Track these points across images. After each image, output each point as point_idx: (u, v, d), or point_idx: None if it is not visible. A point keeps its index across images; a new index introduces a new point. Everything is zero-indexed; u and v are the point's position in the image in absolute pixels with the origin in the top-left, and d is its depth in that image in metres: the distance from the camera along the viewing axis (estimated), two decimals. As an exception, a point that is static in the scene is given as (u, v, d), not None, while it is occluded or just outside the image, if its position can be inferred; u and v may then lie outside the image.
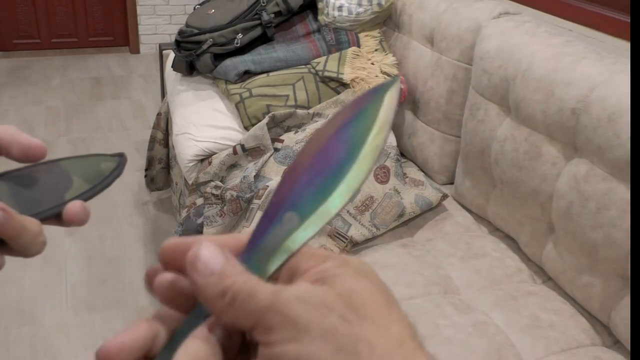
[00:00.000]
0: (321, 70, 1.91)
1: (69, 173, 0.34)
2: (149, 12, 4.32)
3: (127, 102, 3.60)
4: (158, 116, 2.35)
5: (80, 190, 0.33)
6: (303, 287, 0.26)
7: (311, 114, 1.82)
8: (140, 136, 3.15)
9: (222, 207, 1.62)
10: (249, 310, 0.25)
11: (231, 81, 1.92)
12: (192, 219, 1.67)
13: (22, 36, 4.23)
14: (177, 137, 1.92)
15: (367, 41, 2.03)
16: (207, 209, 1.64)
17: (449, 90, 1.78)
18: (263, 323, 0.25)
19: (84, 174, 0.34)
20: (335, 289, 0.26)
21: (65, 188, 0.33)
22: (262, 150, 1.73)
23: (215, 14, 2.04)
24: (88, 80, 3.89)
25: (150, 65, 4.16)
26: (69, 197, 0.33)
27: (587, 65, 1.33)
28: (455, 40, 1.74)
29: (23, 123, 3.26)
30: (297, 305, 0.25)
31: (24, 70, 3.97)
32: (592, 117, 1.26)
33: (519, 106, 1.46)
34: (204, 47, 1.97)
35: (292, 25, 2.10)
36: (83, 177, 0.34)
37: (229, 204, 1.60)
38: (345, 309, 0.25)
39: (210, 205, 1.64)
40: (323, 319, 0.25)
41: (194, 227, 1.66)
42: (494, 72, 1.55)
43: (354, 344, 0.24)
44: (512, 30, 1.56)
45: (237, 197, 1.59)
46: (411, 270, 1.41)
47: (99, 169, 0.35)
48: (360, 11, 2.03)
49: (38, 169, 0.33)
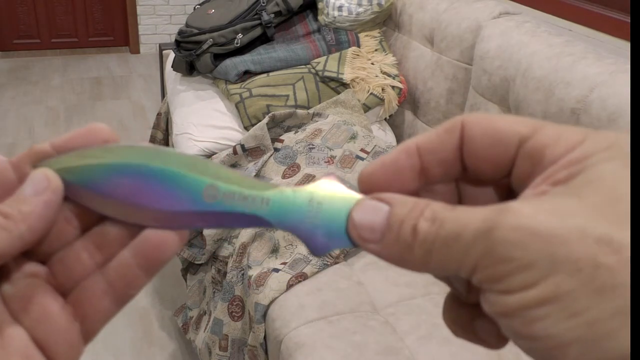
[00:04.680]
0: (321, 70, 1.91)
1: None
2: (149, 12, 4.32)
3: (127, 102, 3.60)
4: (158, 116, 2.35)
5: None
6: (537, 206, 0.19)
7: (311, 114, 1.82)
8: (140, 136, 3.15)
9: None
10: (455, 257, 0.20)
11: (231, 81, 1.92)
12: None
13: (22, 36, 4.22)
14: (177, 137, 1.92)
15: (367, 41, 2.03)
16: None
17: (449, 90, 1.78)
18: (484, 270, 0.19)
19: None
20: (594, 194, 0.19)
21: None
22: (262, 150, 1.73)
23: (215, 14, 2.04)
24: (88, 80, 3.89)
25: (150, 65, 4.16)
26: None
27: (587, 65, 1.33)
28: (455, 40, 1.74)
29: (23, 123, 3.26)
30: (528, 239, 0.18)
31: (24, 70, 3.97)
32: (592, 117, 1.26)
33: (519, 106, 1.46)
34: (204, 47, 1.97)
35: (292, 25, 2.10)
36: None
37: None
38: (610, 227, 0.18)
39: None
40: (574, 249, 0.18)
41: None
42: (494, 72, 1.55)
43: (625, 283, 0.17)
44: (512, 30, 1.56)
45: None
46: (411, 270, 1.41)
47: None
48: (360, 11, 2.03)
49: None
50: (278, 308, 1.35)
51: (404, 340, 1.24)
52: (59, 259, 0.25)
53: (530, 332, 0.19)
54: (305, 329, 1.27)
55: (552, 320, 0.18)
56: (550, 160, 0.20)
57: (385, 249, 0.21)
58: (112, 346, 1.88)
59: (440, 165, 0.23)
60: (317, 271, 1.42)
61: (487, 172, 0.23)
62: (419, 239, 0.20)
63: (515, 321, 0.19)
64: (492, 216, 0.19)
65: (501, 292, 0.19)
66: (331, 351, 1.21)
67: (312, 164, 1.62)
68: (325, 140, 1.68)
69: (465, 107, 1.72)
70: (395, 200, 0.22)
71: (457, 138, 0.23)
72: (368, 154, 1.66)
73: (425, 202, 0.21)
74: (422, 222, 0.20)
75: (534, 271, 0.18)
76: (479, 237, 0.19)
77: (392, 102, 1.89)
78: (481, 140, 0.22)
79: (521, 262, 0.18)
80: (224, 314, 1.49)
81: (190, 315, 1.72)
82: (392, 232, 0.21)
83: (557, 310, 0.18)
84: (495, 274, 0.19)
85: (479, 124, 0.22)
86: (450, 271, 0.20)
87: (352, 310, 1.32)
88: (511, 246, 0.18)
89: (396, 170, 0.23)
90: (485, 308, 0.20)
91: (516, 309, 0.19)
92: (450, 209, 0.20)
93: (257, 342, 1.38)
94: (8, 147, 3.01)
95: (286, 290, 1.37)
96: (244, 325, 1.46)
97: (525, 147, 0.21)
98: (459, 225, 0.20)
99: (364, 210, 0.22)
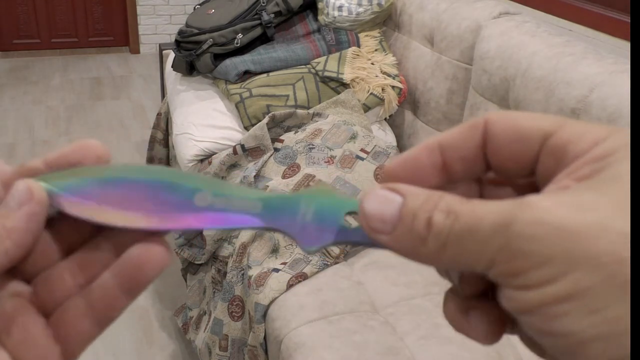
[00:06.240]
0: (321, 70, 1.91)
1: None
2: (149, 12, 4.32)
3: (127, 102, 3.60)
4: (158, 116, 2.35)
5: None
6: (557, 200, 0.19)
7: (311, 114, 1.82)
8: (140, 136, 3.15)
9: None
10: (471, 251, 0.19)
11: (231, 81, 1.92)
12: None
13: (22, 36, 4.23)
14: (177, 137, 1.93)
15: (367, 41, 2.03)
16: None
17: (449, 90, 1.78)
18: (501, 265, 0.19)
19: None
20: (617, 191, 0.18)
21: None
22: (262, 150, 1.73)
23: (215, 14, 2.04)
24: (88, 80, 3.89)
25: (150, 65, 4.16)
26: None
27: (587, 65, 1.33)
28: (455, 40, 1.74)
29: (23, 123, 3.26)
30: (547, 234, 0.18)
31: (24, 70, 3.97)
32: (592, 117, 1.26)
33: (519, 106, 1.46)
34: (204, 47, 1.97)
35: (292, 25, 2.10)
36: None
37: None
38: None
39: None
40: (595, 244, 0.18)
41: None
42: (494, 72, 1.55)
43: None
44: (512, 30, 1.56)
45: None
46: (411, 270, 1.41)
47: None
48: (360, 11, 2.03)
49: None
50: (278, 308, 1.35)
51: (404, 340, 1.24)
52: (42, 279, 0.25)
53: (550, 328, 0.18)
54: (305, 329, 1.27)
55: (572, 317, 0.18)
56: (574, 156, 0.20)
57: (396, 240, 0.21)
58: (112, 346, 1.88)
59: (462, 162, 0.23)
60: (317, 271, 1.42)
61: (510, 170, 0.23)
62: (433, 231, 0.20)
63: (534, 318, 0.19)
64: (510, 209, 0.19)
65: (519, 287, 0.19)
66: (331, 351, 1.21)
67: (312, 164, 1.62)
68: (325, 140, 1.68)
69: (465, 107, 1.72)
70: (408, 191, 0.21)
71: (479, 135, 0.23)
72: (368, 154, 1.66)
73: (439, 194, 0.21)
74: (437, 214, 0.20)
75: (553, 267, 0.18)
76: (497, 231, 0.19)
77: (392, 102, 1.89)
78: (504, 136, 0.22)
79: (540, 257, 0.18)
80: (224, 314, 1.49)
81: (190, 315, 1.72)
82: (405, 224, 0.21)
83: (577, 307, 0.18)
84: (513, 269, 0.19)
85: (502, 121, 0.22)
86: (464, 265, 0.20)
87: (352, 310, 1.32)
88: (530, 240, 0.18)
89: (417, 167, 0.23)
90: (503, 304, 0.20)
91: (535, 305, 0.18)
92: (465, 202, 0.20)
93: (257, 342, 1.38)
94: (8, 147, 3.01)
95: (286, 290, 1.37)
96: (244, 325, 1.46)
97: (548, 143, 0.21)
98: (475, 219, 0.19)
99: (375, 200, 0.21)
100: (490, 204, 0.19)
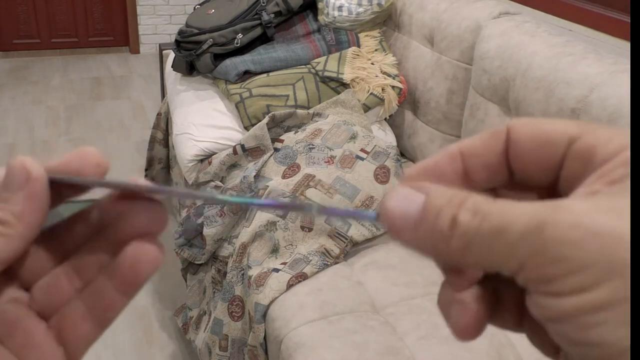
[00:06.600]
0: (321, 70, 1.91)
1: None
2: (149, 12, 4.32)
3: (127, 102, 3.60)
4: (158, 116, 2.35)
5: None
6: (593, 204, 0.18)
7: (311, 114, 1.82)
8: (140, 136, 3.15)
9: (222, 206, 1.62)
10: (498, 253, 0.18)
11: (231, 81, 1.92)
12: (192, 219, 1.67)
13: (22, 36, 4.22)
14: (177, 137, 1.93)
15: (367, 41, 2.03)
16: (207, 208, 1.64)
17: (449, 90, 1.78)
18: (533, 270, 0.18)
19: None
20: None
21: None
22: (262, 150, 1.73)
23: (215, 14, 2.04)
24: (88, 80, 3.89)
25: (150, 65, 4.16)
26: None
27: (587, 65, 1.33)
28: (455, 40, 1.74)
29: (23, 123, 3.26)
30: (585, 239, 0.17)
31: (24, 70, 3.97)
32: (592, 117, 1.26)
33: (519, 106, 1.46)
34: (204, 47, 1.97)
35: (292, 25, 2.10)
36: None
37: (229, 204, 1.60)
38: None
39: (210, 205, 1.64)
40: (622, 251, 0.17)
41: (194, 227, 1.66)
42: (494, 72, 1.55)
43: None
44: (512, 30, 1.56)
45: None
46: (411, 270, 1.41)
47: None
48: (360, 11, 2.03)
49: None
50: (278, 308, 1.35)
51: (404, 340, 1.24)
52: (39, 285, 0.25)
53: (584, 338, 0.18)
54: (305, 329, 1.27)
55: (608, 327, 0.17)
56: (602, 159, 0.20)
57: (418, 239, 0.20)
58: (112, 346, 1.88)
59: (485, 169, 0.23)
60: (317, 271, 1.42)
61: (534, 176, 0.22)
62: (458, 230, 0.19)
63: (567, 326, 0.18)
64: (543, 211, 0.18)
65: (551, 294, 0.18)
66: (331, 351, 1.21)
67: (312, 164, 1.62)
68: (325, 140, 1.68)
69: (465, 107, 1.72)
70: (432, 189, 0.21)
71: (502, 142, 0.22)
72: (368, 154, 1.66)
73: (466, 193, 0.20)
74: (463, 214, 0.19)
75: (590, 274, 0.17)
76: (529, 234, 0.18)
77: (392, 102, 1.89)
78: (529, 142, 0.22)
79: (576, 263, 0.17)
80: (224, 314, 1.49)
81: (190, 315, 1.72)
82: (427, 222, 0.20)
83: (614, 316, 0.17)
84: (546, 275, 0.18)
85: (525, 127, 0.22)
86: (489, 267, 0.19)
87: (352, 310, 1.32)
88: (566, 245, 0.17)
89: (438, 174, 0.23)
90: (532, 311, 0.19)
91: (570, 313, 0.18)
92: (494, 202, 0.19)
93: (257, 342, 1.38)
94: (8, 147, 3.01)
95: (286, 290, 1.37)
96: (244, 325, 1.46)
97: (574, 147, 0.21)
98: (505, 220, 0.18)
99: (397, 198, 0.21)
100: (522, 205, 0.19)
